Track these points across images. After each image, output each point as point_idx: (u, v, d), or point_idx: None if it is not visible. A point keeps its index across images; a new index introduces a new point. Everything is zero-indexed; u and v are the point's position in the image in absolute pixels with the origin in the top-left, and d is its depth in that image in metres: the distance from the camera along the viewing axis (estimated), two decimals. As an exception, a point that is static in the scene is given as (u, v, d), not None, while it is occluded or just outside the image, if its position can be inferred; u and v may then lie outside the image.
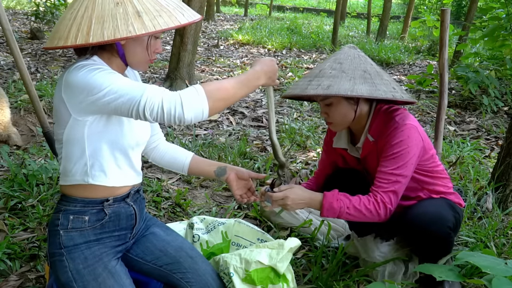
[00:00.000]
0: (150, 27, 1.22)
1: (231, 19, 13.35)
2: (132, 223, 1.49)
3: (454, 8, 13.75)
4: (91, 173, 1.35)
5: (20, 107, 4.00)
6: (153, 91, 1.19)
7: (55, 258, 1.38)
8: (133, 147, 1.43)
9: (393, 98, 1.62)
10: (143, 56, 1.37)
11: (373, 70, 1.68)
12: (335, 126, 1.79)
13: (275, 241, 1.67)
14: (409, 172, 1.67)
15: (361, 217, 1.64)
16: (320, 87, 1.61)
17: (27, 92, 2.37)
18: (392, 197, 1.64)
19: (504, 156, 2.57)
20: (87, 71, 1.23)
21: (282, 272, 1.59)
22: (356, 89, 1.58)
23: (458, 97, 5.16)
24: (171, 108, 1.17)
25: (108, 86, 1.20)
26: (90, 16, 1.22)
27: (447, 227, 1.66)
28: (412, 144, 1.65)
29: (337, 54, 1.75)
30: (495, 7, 5.30)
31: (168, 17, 1.26)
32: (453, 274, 1.30)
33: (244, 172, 1.68)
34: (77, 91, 1.24)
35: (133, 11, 1.23)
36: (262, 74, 1.38)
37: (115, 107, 1.21)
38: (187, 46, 5.09)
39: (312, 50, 8.71)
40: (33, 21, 7.67)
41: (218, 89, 1.25)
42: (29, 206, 2.42)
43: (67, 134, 1.32)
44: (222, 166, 1.65)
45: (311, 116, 4.55)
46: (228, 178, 1.65)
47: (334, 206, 1.62)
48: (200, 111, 1.20)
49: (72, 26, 1.23)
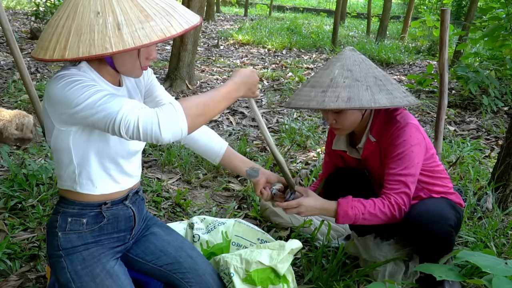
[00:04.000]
0: (129, 42, 1.12)
1: (231, 19, 13.35)
2: (131, 225, 1.48)
3: (454, 8, 13.74)
4: (79, 181, 1.34)
5: (20, 107, 4.01)
6: (130, 108, 1.13)
7: (53, 259, 1.38)
8: (123, 156, 1.38)
9: (409, 105, 1.63)
10: (133, 65, 1.29)
11: (381, 75, 1.69)
12: (342, 131, 1.79)
13: (276, 242, 1.67)
14: (417, 171, 1.68)
15: (377, 221, 1.66)
16: (340, 99, 1.57)
17: (27, 92, 2.38)
18: (404, 198, 1.66)
19: (504, 156, 2.57)
20: (65, 84, 1.18)
21: (282, 273, 1.59)
22: (378, 100, 1.58)
23: (458, 97, 5.16)
24: (147, 127, 1.12)
25: (85, 101, 1.15)
26: (69, 26, 1.14)
27: (449, 226, 1.66)
28: (415, 143, 1.66)
29: (341, 59, 1.71)
30: (495, 7, 5.30)
31: (150, 30, 1.14)
32: (453, 273, 1.30)
33: (273, 177, 1.68)
34: (56, 104, 1.21)
35: (114, 23, 1.13)
36: (241, 85, 1.33)
37: (92, 122, 1.17)
38: (187, 46, 5.09)
39: (312, 50, 8.71)
40: (33, 21, 7.66)
41: (197, 105, 1.19)
42: (29, 206, 2.42)
43: (54, 143, 1.30)
44: (256, 168, 1.64)
45: (311, 116, 4.55)
46: (259, 181, 1.65)
47: (349, 214, 1.62)
48: (179, 130, 1.15)
49: (53, 36, 1.16)
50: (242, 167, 1.65)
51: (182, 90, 5.17)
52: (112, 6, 1.15)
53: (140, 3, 1.17)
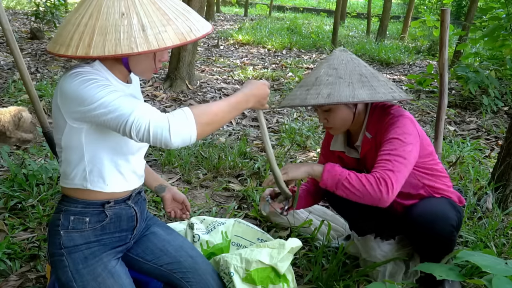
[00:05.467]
0: (154, 44, 1.17)
1: (231, 19, 13.35)
2: (133, 225, 1.48)
3: (454, 8, 13.74)
4: (90, 178, 1.35)
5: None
6: (142, 112, 1.15)
7: (55, 258, 1.38)
8: (134, 152, 1.41)
9: (393, 99, 1.62)
10: (148, 66, 1.34)
11: (368, 73, 1.68)
12: (335, 130, 1.79)
13: (275, 241, 1.67)
14: (408, 156, 1.61)
15: (361, 189, 1.55)
16: (320, 96, 1.60)
17: (27, 92, 2.37)
18: (392, 176, 1.56)
19: (504, 156, 2.57)
20: (80, 81, 1.20)
21: (282, 272, 1.59)
22: (357, 95, 1.58)
23: (458, 97, 5.16)
24: (158, 132, 1.14)
25: (99, 100, 1.17)
26: (93, 25, 1.18)
27: (450, 225, 1.67)
28: (408, 132, 1.64)
29: (330, 59, 1.74)
30: (495, 7, 5.30)
31: (173, 33, 1.20)
32: (453, 273, 1.30)
33: (180, 196, 1.74)
34: (70, 101, 1.23)
35: (138, 25, 1.17)
36: (251, 97, 1.35)
37: (104, 121, 1.19)
38: (187, 46, 5.10)
39: (312, 50, 8.71)
40: (33, 21, 7.66)
41: (207, 113, 1.21)
42: (29, 206, 2.42)
43: (65, 141, 1.31)
44: (164, 185, 1.72)
45: (311, 116, 4.55)
46: (165, 196, 1.71)
47: (336, 169, 1.60)
48: (188, 137, 1.18)
49: (75, 33, 1.19)
50: (153, 184, 1.71)
51: (182, 90, 5.17)
52: (136, 8, 1.19)
53: (162, 7, 1.22)
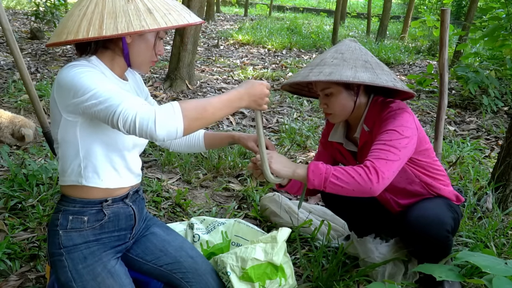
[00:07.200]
0: (162, 23, 1.25)
1: (231, 19, 13.35)
2: (132, 224, 1.49)
3: (454, 8, 13.75)
4: (85, 174, 1.35)
5: (20, 107, 4.01)
6: (131, 104, 1.16)
7: (54, 258, 1.38)
8: (129, 148, 1.41)
9: (394, 87, 1.59)
10: (147, 56, 1.39)
11: (374, 61, 1.68)
12: (334, 117, 1.76)
13: (267, 235, 1.69)
14: (403, 149, 1.57)
15: (350, 181, 1.48)
16: (322, 74, 1.60)
17: (27, 92, 2.37)
18: (383, 164, 1.50)
19: (504, 156, 2.57)
20: (76, 73, 1.23)
21: (279, 264, 1.60)
22: (358, 76, 1.57)
23: (458, 97, 5.16)
24: (143, 123, 1.14)
25: (92, 90, 1.19)
26: (101, 11, 1.24)
27: (445, 231, 1.65)
28: (406, 125, 1.61)
29: (338, 45, 1.75)
30: (495, 7, 5.30)
31: (177, 15, 1.29)
32: (453, 274, 1.30)
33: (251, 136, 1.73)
34: (65, 91, 1.24)
35: (144, 8, 1.26)
36: (245, 95, 1.32)
37: (95, 112, 1.20)
38: (187, 46, 5.09)
39: (312, 50, 8.71)
40: (33, 21, 7.66)
41: (196, 108, 1.21)
42: (29, 206, 2.42)
43: (61, 135, 1.32)
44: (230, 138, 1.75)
45: (311, 116, 4.55)
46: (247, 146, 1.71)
47: (320, 167, 1.53)
48: (174, 130, 1.17)
49: (82, 21, 1.23)
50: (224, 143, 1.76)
51: (182, 90, 5.17)
52: None
53: None
